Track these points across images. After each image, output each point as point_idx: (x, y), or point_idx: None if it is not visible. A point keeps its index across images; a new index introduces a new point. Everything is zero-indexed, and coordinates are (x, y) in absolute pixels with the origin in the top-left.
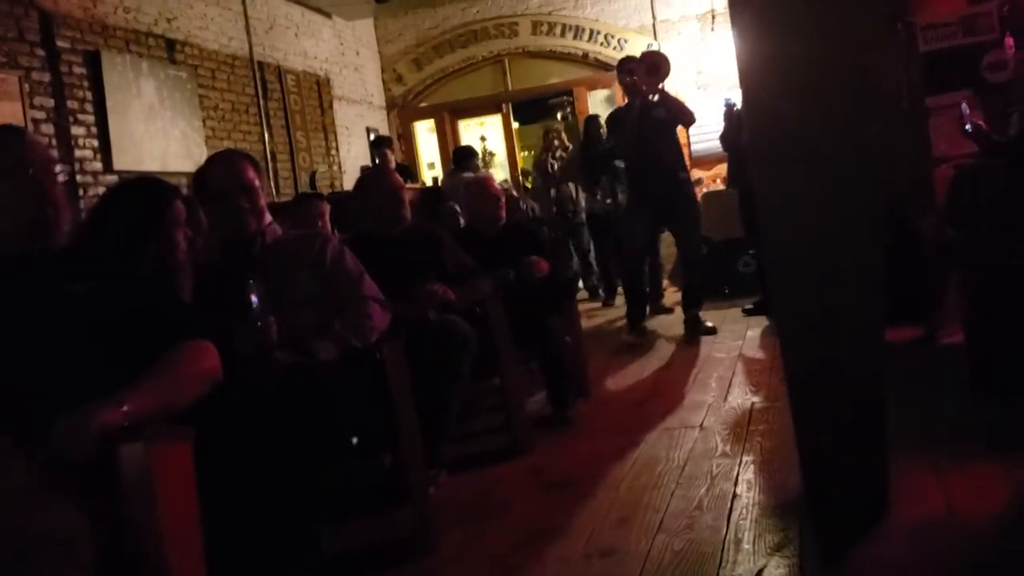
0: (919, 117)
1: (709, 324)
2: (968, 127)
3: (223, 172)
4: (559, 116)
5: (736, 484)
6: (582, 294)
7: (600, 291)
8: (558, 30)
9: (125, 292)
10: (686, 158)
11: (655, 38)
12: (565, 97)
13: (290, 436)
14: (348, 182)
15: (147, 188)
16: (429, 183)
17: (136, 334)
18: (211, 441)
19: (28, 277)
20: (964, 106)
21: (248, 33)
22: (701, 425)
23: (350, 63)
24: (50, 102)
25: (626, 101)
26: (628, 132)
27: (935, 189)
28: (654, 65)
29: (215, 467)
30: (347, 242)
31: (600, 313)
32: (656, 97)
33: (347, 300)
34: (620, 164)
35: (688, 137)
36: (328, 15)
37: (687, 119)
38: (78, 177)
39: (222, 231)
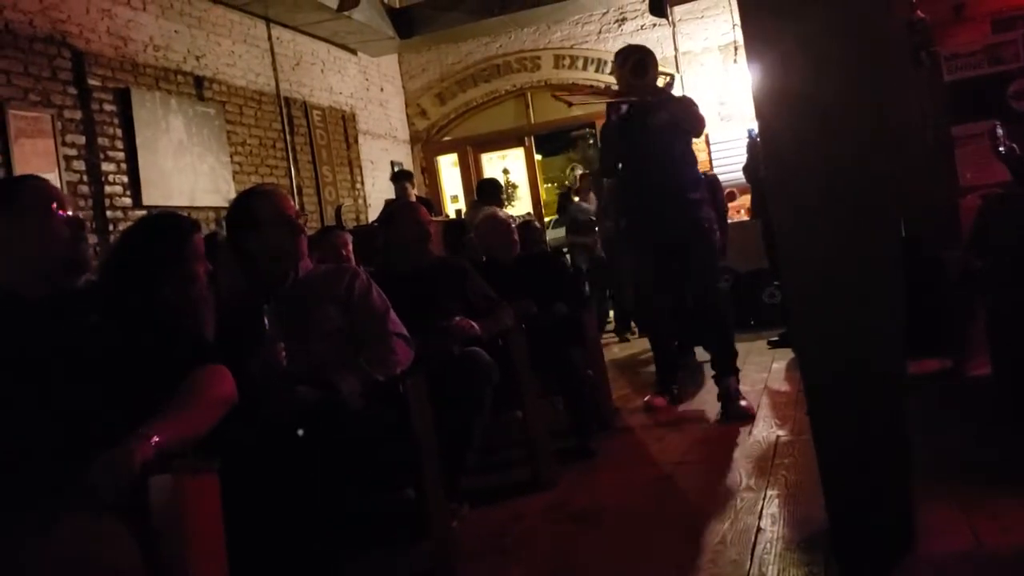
0: (945, 146)
1: (744, 403)
2: (1002, 149)
3: (276, 200)
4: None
5: (760, 518)
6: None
7: (632, 323)
8: (580, 63)
9: (136, 324)
10: (703, 172)
11: (677, 70)
12: (588, 129)
13: (314, 469)
14: (373, 215)
15: (166, 223)
16: (452, 216)
17: (148, 365)
18: (237, 474)
19: (45, 316)
20: (998, 128)
21: (275, 70)
22: (725, 460)
23: (375, 98)
24: (81, 139)
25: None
26: (614, 145)
27: (961, 219)
28: (639, 64)
29: (241, 499)
30: (373, 275)
31: (631, 344)
32: (654, 98)
33: (372, 334)
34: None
35: (709, 150)
36: (353, 51)
37: (695, 125)
38: (108, 212)
39: (270, 257)
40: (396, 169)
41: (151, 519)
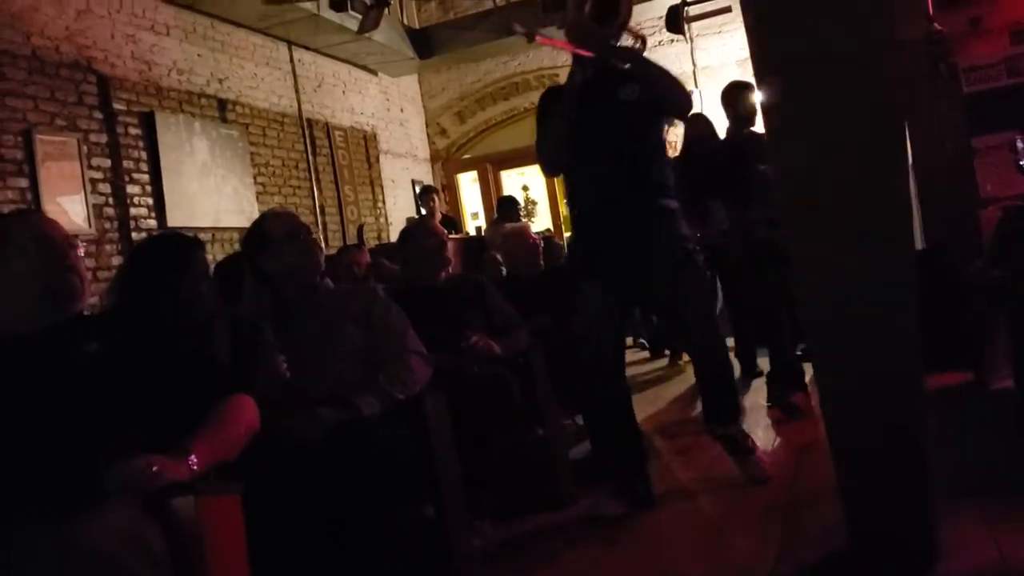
0: (964, 158)
1: (757, 454)
2: (1022, 162)
3: (287, 219)
4: None
5: (781, 534)
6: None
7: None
8: None
9: (141, 349)
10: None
11: (696, 85)
12: None
13: (335, 489)
14: (395, 233)
15: (167, 242)
16: (473, 233)
17: (157, 390)
18: (260, 495)
19: (44, 347)
20: (1019, 141)
21: (297, 91)
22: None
23: (395, 118)
24: (107, 162)
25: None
26: (562, 124)
27: (981, 231)
28: (606, 2)
29: (265, 521)
30: (392, 293)
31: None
32: (624, 62)
33: (391, 353)
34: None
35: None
36: (374, 72)
37: (678, 99)
38: (133, 235)
39: (286, 275)
40: (418, 188)
41: (173, 541)
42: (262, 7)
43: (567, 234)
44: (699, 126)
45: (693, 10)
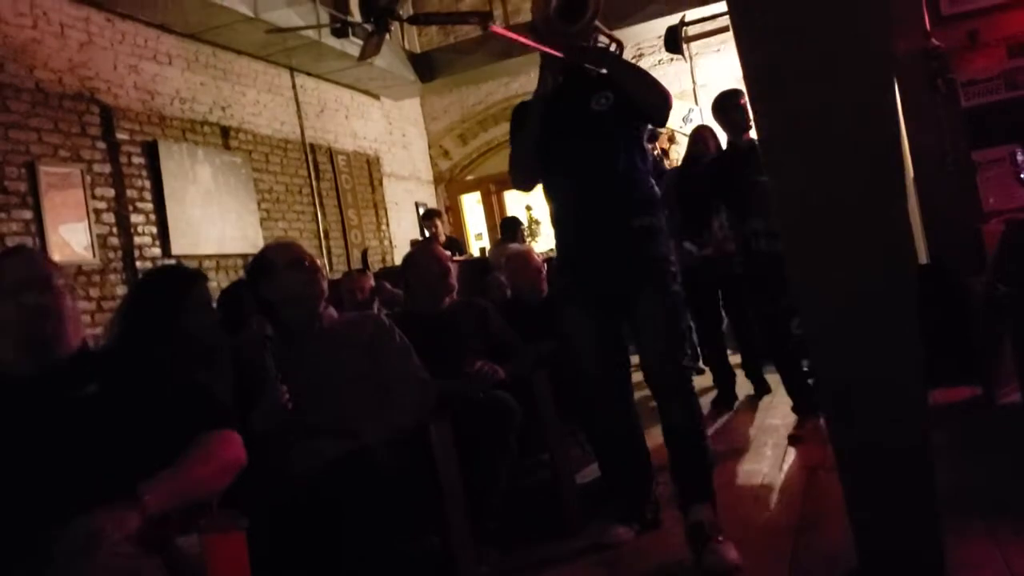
0: (965, 172)
1: (722, 547)
2: (1023, 175)
3: (290, 248)
4: None
5: (791, 554)
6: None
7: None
8: None
9: (140, 388)
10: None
11: (696, 103)
12: None
13: (340, 519)
14: (399, 256)
15: (168, 275)
16: (477, 254)
17: (153, 430)
18: (265, 527)
19: (38, 392)
20: (1019, 154)
21: (300, 117)
22: (755, 495)
23: (398, 141)
24: (111, 192)
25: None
26: (528, 137)
27: (985, 245)
28: None
29: (270, 553)
30: (395, 319)
31: None
32: (593, 63)
33: (395, 381)
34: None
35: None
36: (376, 96)
37: (654, 102)
38: (138, 264)
39: (288, 303)
40: (422, 210)
41: None
42: (264, 35)
43: None
44: (696, 138)
45: (692, 30)
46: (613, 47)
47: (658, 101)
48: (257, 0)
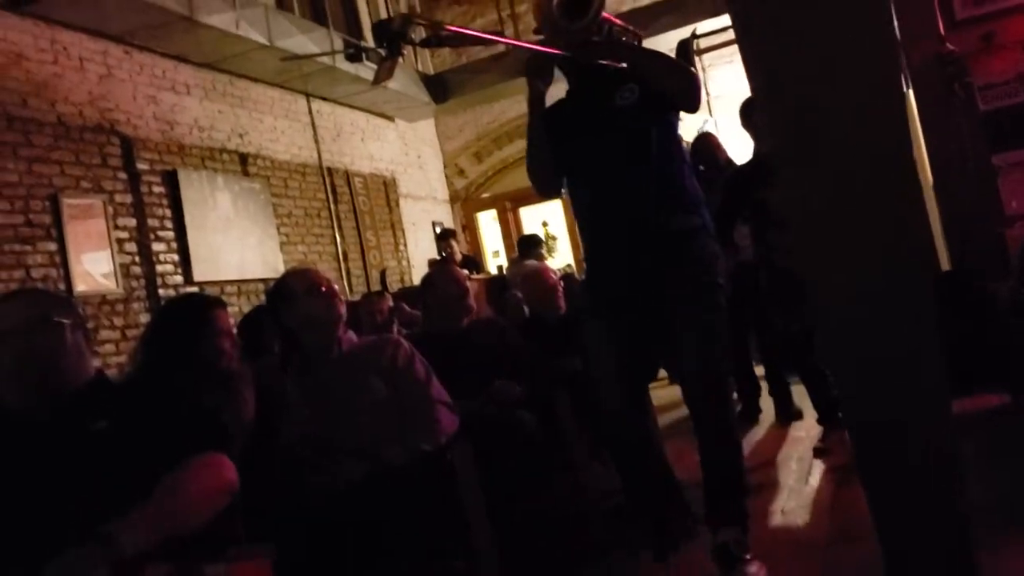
0: (985, 177)
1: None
2: None
3: (309, 274)
4: None
5: (820, 569)
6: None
7: None
8: None
9: (153, 419)
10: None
11: (710, 114)
12: None
13: (363, 543)
14: (417, 276)
15: (186, 304)
16: (494, 272)
17: (158, 461)
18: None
19: (46, 431)
20: None
21: (316, 142)
22: (782, 509)
23: (414, 162)
24: (132, 222)
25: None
26: (538, 140)
27: (1008, 249)
28: None
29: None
30: (414, 340)
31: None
32: (604, 56)
33: (416, 404)
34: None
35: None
36: (391, 119)
37: (679, 84)
38: (160, 291)
39: (307, 328)
40: (439, 229)
41: None
42: (279, 62)
43: None
44: (702, 146)
45: (704, 42)
46: (628, 39)
47: (684, 85)
48: (272, 28)
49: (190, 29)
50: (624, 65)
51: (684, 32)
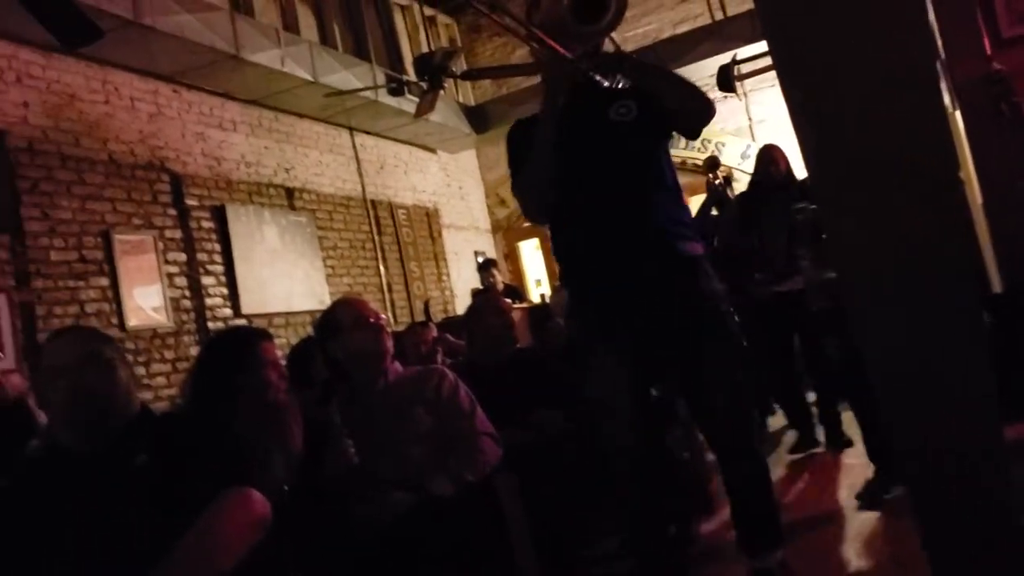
0: None
1: None
2: None
3: (357, 306)
4: None
5: None
6: None
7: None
8: None
9: (186, 455)
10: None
11: (753, 139)
12: None
13: (412, 572)
14: (460, 305)
15: (230, 337)
16: (537, 300)
17: (189, 496)
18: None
19: (92, 467)
20: None
21: (360, 175)
22: (833, 536)
23: (456, 192)
24: (182, 256)
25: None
26: (544, 156)
27: None
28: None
29: None
30: (458, 370)
31: None
32: (614, 77)
33: (461, 435)
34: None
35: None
36: (433, 150)
37: (699, 107)
38: (210, 324)
39: (355, 361)
40: (480, 259)
41: None
42: (324, 98)
43: None
44: (766, 158)
45: (744, 67)
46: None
47: (700, 106)
48: (316, 65)
49: (237, 67)
50: (619, 81)
51: (724, 58)
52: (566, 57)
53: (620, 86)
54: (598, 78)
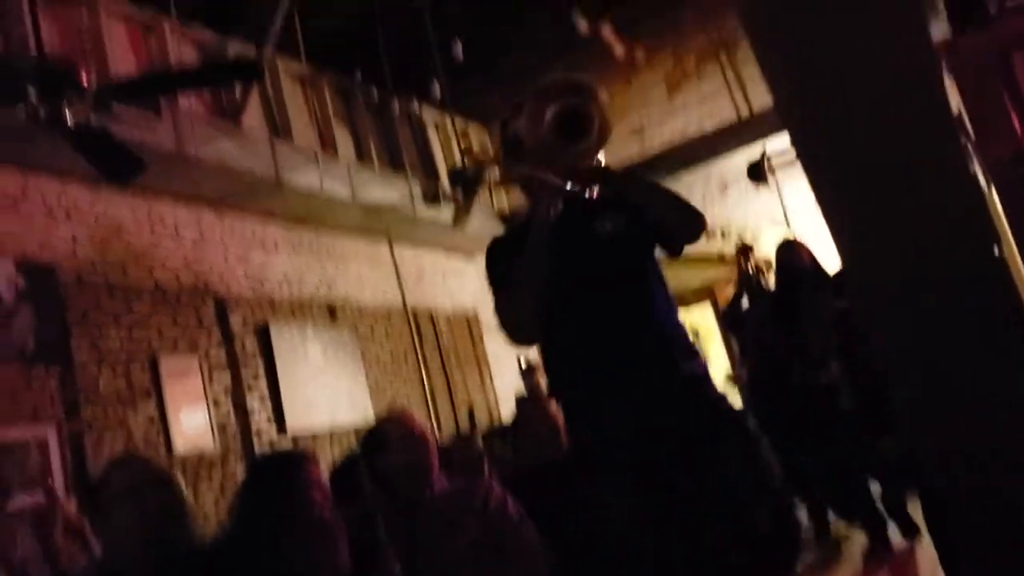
0: None
1: None
2: None
3: (404, 420)
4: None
5: None
6: None
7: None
8: None
9: None
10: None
11: (788, 225)
12: (706, 297)
13: None
14: (504, 411)
15: (273, 461)
16: None
17: None
18: None
19: None
20: None
21: (400, 285)
22: None
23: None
24: (227, 378)
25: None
26: (535, 277)
27: None
28: (576, 115)
29: None
30: (506, 478)
31: None
32: (591, 188)
33: (510, 547)
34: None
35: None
36: (471, 256)
37: (690, 222)
38: (256, 446)
39: (404, 476)
40: (523, 364)
41: None
42: (362, 213)
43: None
44: (788, 251)
45: (775, 160)
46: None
47: (691, 220)
48: (354, 182)
49: (277, 190)
50: (596, 192)
51: (754, 151)
52: (550, 176)
53: (602, 196)
54: (579, 189)
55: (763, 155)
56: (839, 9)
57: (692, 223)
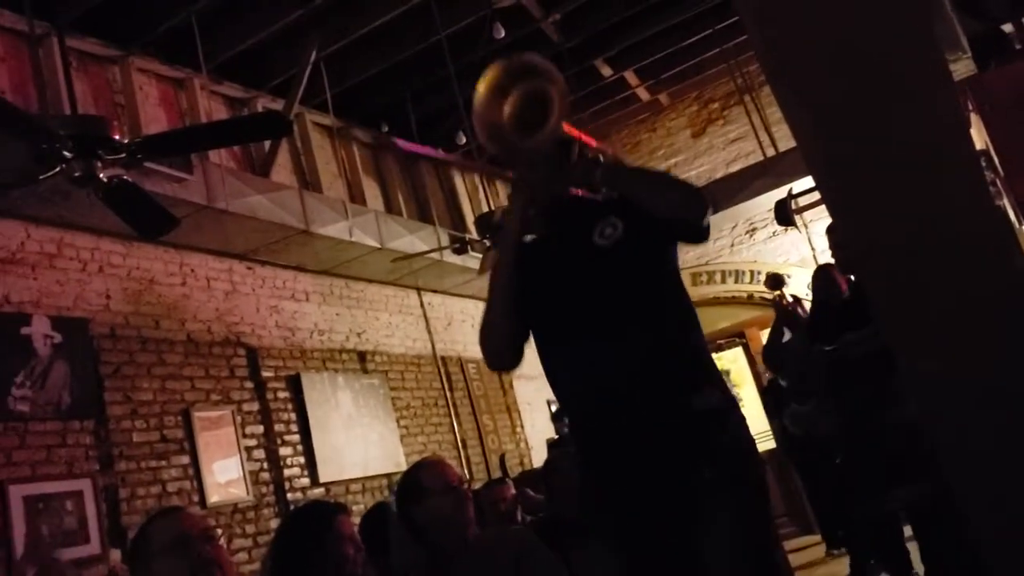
0: None
1: None
2: None
3: (440, 470)
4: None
5: None
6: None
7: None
8: (718, 277)
9: None
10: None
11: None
12: (737, 339)
13: None
14: (536, 457)
15: (305, 513)
16: None
17: None
18: None
19: None
20: None
21: (430, 333)
22: None
23: None
24: (259, 428)
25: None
26: (502, 291)
27: None
28: (532, 99)
29: None
30: (539, 526)
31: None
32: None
33: None
34: None
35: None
36: None
37: (684, 202)
38: (288, 495)
39: (439, 528)
40: (553, 409)
41: None
42: (391, 263)
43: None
44: (824, 279)
45: (802, 200)
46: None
47: (686, 200)
48: (382, 232)
49: (307, 241)
50: (595, 194)
51: (780, 193)
52: (527, 179)
53: (601, 199)
54: (579, 194)
55: (788, 194)
56: (862, 65)
57: (693, 199)
